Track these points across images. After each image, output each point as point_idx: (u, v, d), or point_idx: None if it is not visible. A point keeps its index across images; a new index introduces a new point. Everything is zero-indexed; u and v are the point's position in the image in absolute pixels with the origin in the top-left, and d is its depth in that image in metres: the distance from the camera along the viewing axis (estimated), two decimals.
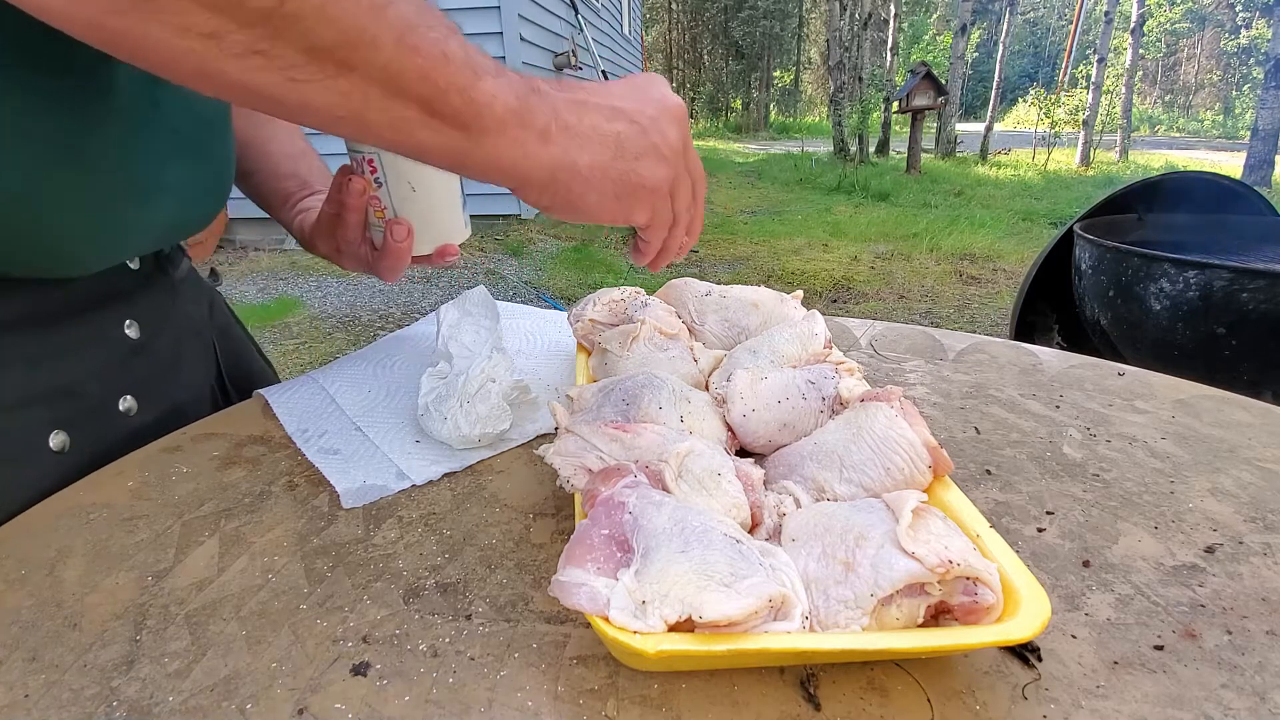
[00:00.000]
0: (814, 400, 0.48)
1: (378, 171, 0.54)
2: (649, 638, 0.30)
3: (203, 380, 0.67)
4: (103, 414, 0.55)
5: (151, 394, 0.59)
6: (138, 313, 0.58)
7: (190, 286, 0.67)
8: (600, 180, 0.38)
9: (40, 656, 0.35)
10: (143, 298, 0.59)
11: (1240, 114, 25.79)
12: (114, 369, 0.56)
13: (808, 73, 29.39)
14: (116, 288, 0.57)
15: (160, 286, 0.62)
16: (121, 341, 0.57)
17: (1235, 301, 1.67)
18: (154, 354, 0.60)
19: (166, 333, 0.61)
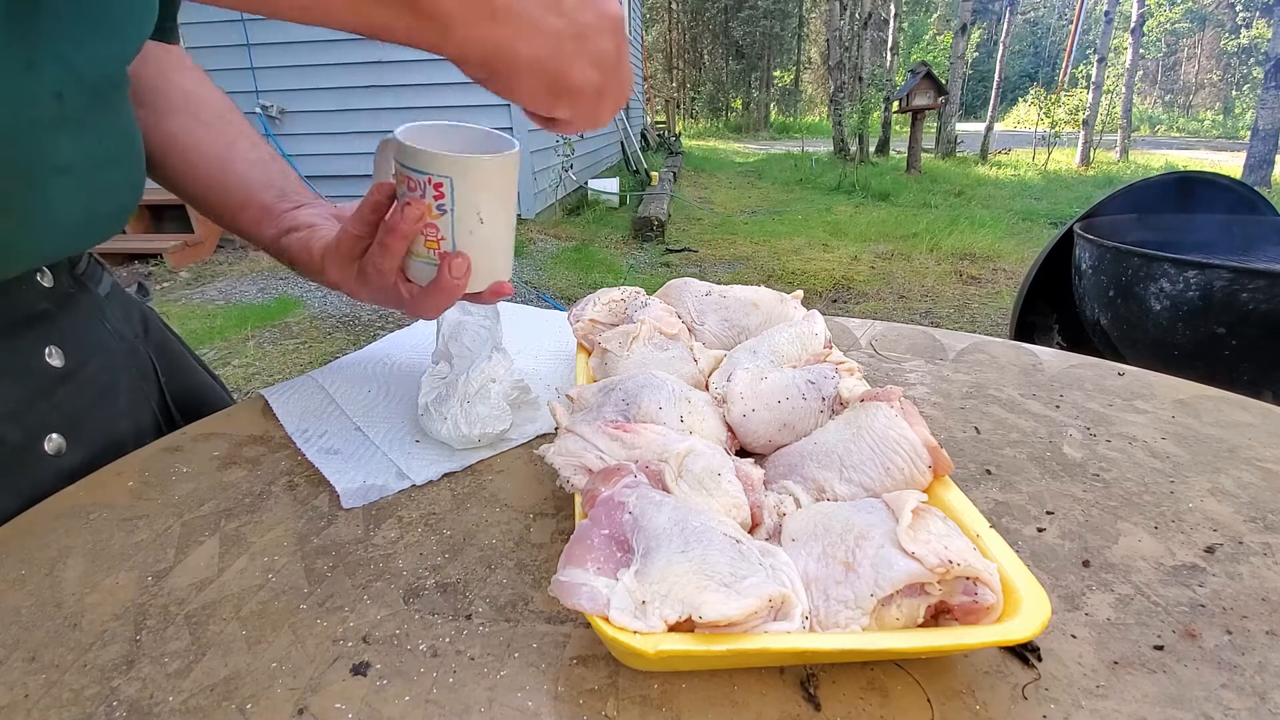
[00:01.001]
0: (814, 400, 0.48)
1: (444, 198, 0.46)
2: (649, 638, 0.30)
3: (142, 404, 0.60)
4: (25, 457, 0.49)
5: (83, 429, 0.53)
6: (60, 337, 0.52)
7: (117, 303, 0.61)
8: (535, 73, 0.40)
9: (40, 656, 0.35)
10: (64, 320, 0.53)
11: (1240, 114, 25.78)
12: (37, 404, 0.50)
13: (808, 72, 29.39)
14: (29, 310, 0.51)
15: (82, 305, 0.56)
16: (44, 371, 0.51)
17: (1235, 301, 1.67)
18: (83, 383, 0.54)
19: (96, 357, 0.55)
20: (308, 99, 4.90)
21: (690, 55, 27.30)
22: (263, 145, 0.63)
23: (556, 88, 0.41)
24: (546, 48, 0.39)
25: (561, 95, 0.41)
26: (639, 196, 6.28)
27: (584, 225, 5.42)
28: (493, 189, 0.48)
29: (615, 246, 4.92)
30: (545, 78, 0.40)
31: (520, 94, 0.41)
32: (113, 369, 0.57)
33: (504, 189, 0.49)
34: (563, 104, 0.42)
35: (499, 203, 0.49)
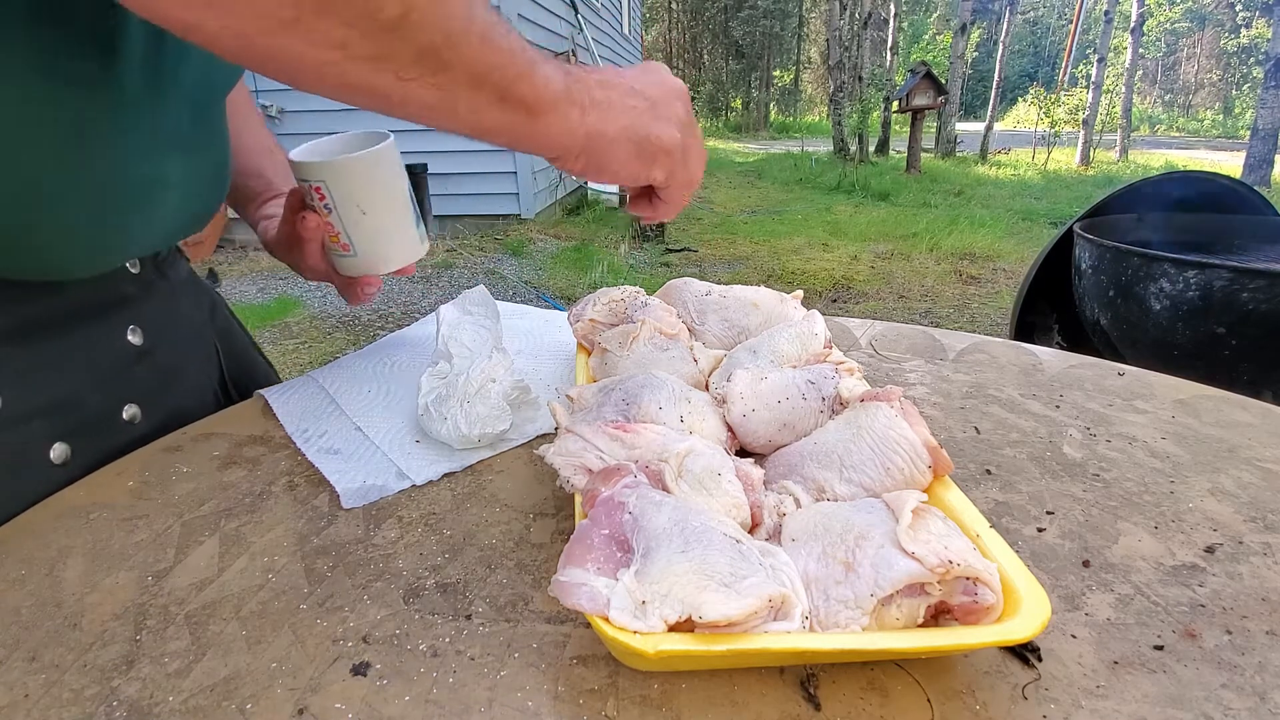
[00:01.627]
0: (814, 400, 0.48)
1: (326, 198, 0.55)
2: (649, 638, 0.30)
3: (206, 384, 0.66)
4: (105, 424, 0.55)
5: (155, 401, 0.59)
6: (140, 319, 0.58)
7: (191, 289, 0.67)
8: (625, 144, 0.44)
9: (40, 656, 0.35)
10: (145, 303, 0.59)
11: (1240, 113, 25.78)
12: (117, 378, 0.56)
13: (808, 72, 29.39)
14: (117, 294, 0.57)
15: (161, 291, 0.62)
16: (125, 349, 0.57)
17: (1235, 301, 1.67)
18: (157, 360, 0.59)
19: (169, 338, 0.61)
20: (308, 99, 4.88)
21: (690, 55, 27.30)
22: (265, 135, 0.71)
23: (645, 152, 0.46)
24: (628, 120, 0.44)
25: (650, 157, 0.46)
26: None
27: (584, 225, 5.42)
28: (364, 183, 0.55)
29: (615, 246, 4.92)
30: (633, 144, 0.45)
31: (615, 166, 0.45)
32: (182, 350, 0.63)
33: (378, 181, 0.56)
34: (655, 166, 0.47)
35: (377, 193, 0.56)
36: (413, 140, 4.83)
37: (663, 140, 0.46)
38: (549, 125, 0.41)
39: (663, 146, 0.46)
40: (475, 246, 4.65)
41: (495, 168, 4.91)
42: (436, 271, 4.20)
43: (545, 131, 0.41)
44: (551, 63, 0.41)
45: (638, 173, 0.47)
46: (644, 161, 0.46)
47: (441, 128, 0.39)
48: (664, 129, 0.46)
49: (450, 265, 4.30)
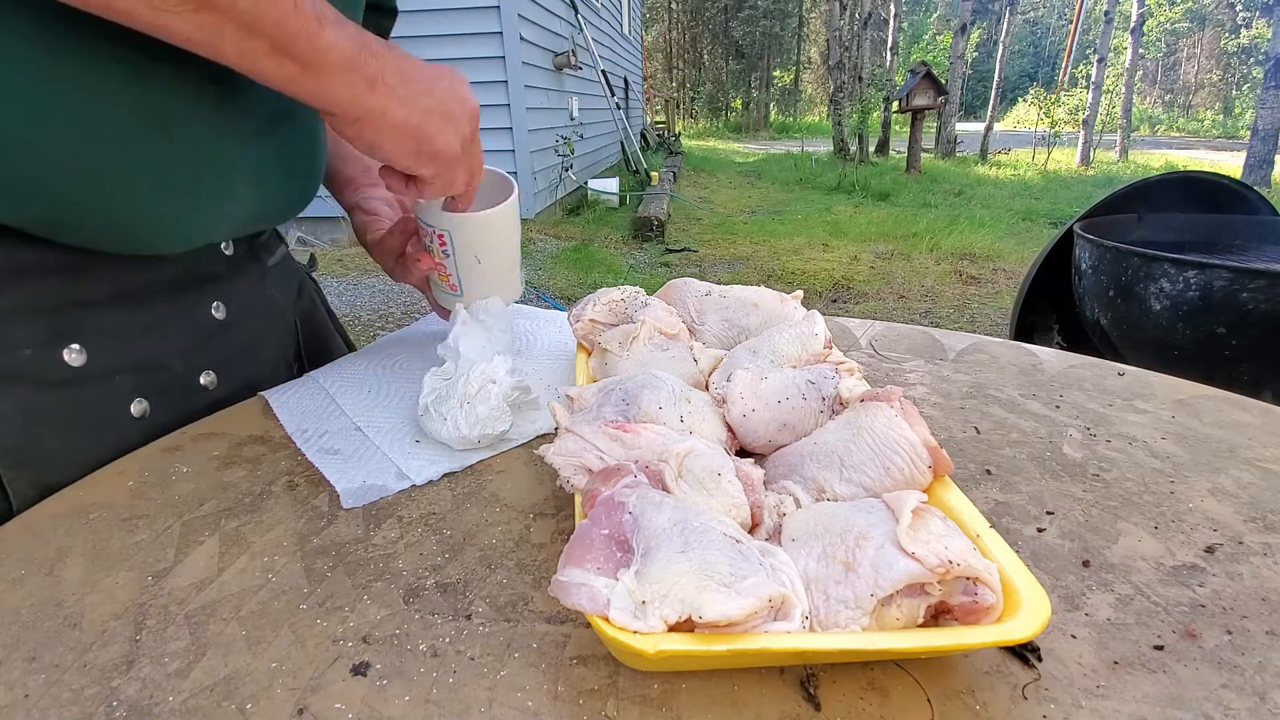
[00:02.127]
0: (814, 400, 0.48)
1: (446, 245, 0.60)
2: (649, 638, 0.30)
3: (280, 357, 0.71)
4: (184, 387, 0.59)
5: (231, 370, 0.63)
6: (226, 295, 0.62)
7: (282, 272, 0.72)
8: (405, 136, 0.48)
9: (40, 656, 0.35)
10: (233, 282, 0.63)
11: (1240, 114, 25.78)
12: (198, 346, 0.60)
13: (808, 72, 29.38)
14: (207, 271, 0.61)
15: (251, 272, 0.66)
16: (208, 322, 0.61)
17: (1235, 301, 1.67)
18: (237, 334, 0.63)
19: (252, 315, 0.66)
20: None
21: (690, 55, 27.29)
22: None
23: (422, 150, 0.50)
24: (416, 116, 0.48)
25: (426, 157, 0.50)
26: (639, 196, 6.28)
27: (584, 225, 5.41)
28: (486, 238, 0.61)
29: (615, 246, 4.92)
30: (414, 140, 0.49)
31: (389, 149, 0.49)
32: (263, 326, 0.68)
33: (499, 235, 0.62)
34: (427, 165, 0.51)
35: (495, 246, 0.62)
36: None
37: (442, 150, 0.50)
38: (327, 86, 0.43)
39: (441, 154, 0.50)
40: None
41: (495, 167, 4.91)
42: None
43: (323, 90, 0.43)
44: (348, 29, 0.43)
45: (407, 164, 0.51)
46: (417, 158, 0.50)
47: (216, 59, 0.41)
48: (448, 140, 0.50)
49: None
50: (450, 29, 4.62)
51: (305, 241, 4.86)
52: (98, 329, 0.52)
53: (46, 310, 0.49)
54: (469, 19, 4.61)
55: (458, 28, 4.63)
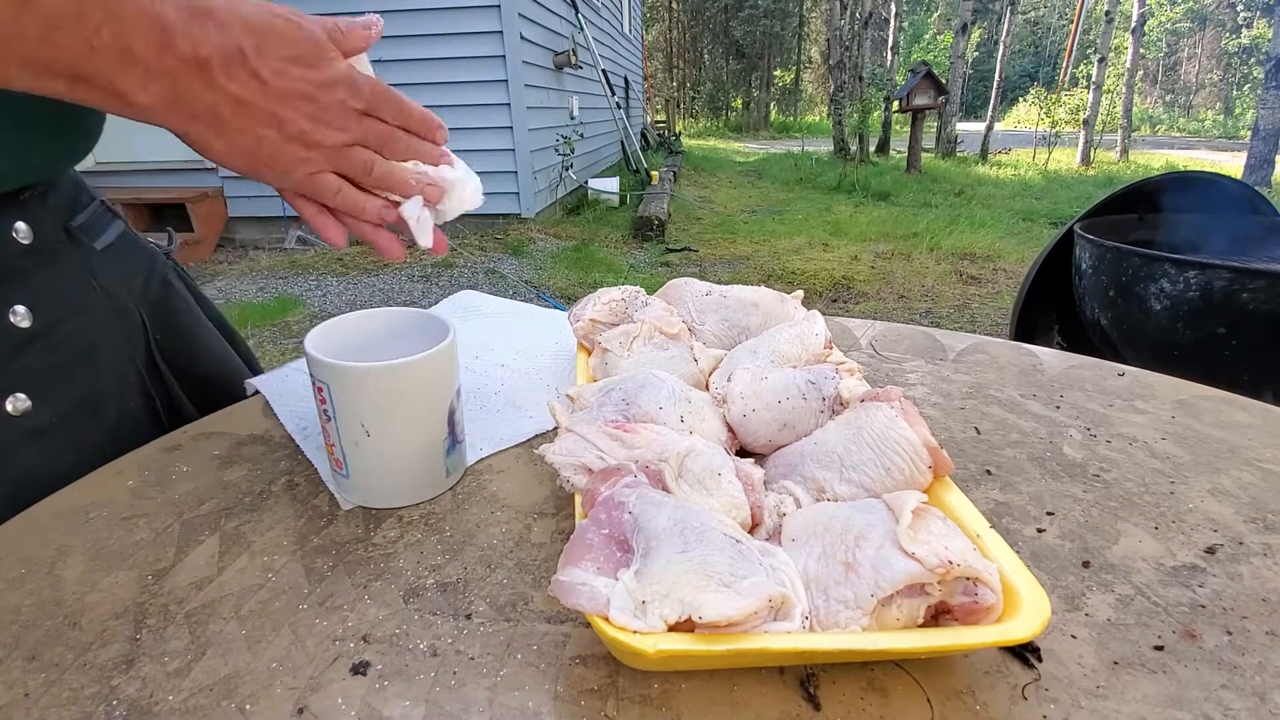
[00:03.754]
0: (814, 400, 0.48)
1: (326, 403, 0.45)
2: (649, 637, 0.30)
3: (126, 363, 0.59)
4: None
5: (54, 388, 0.52)
6: (31, 295, 0.51)
7: (117, 259, 0.59)
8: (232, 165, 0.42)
9: (40, 655, 0.35)
10: (39, 277, 0.52)
11: (1241, 114, 25.78)
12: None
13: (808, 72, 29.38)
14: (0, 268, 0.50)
15: (68, 263, 0.54)
16: (3, 333, 0.49)
17: (1235, 301, 1.67)
18: (57, 342, 0.52)
19: (75, 316, 0.54)
20: None
21: (690, 54, 27.29)
22: None
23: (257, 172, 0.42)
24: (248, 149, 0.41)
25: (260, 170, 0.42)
26: (639, 196, 6.28)
27: (584, 225, 5.41)
28: (379, 402, 0.44)
29: (615, 246, 4.91)
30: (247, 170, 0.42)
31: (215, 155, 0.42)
32: (94, 327, 0.56)
33: (399, 400, 0.45)
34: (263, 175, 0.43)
35: (393, 416, 0.45)
36: None
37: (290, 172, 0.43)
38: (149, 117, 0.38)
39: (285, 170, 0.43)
40: (475, 246, 4.65)
41: (496, 167, 4.91)
42: (436, 271, 4.20)
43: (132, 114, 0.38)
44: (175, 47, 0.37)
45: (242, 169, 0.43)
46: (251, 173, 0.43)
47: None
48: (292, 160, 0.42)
49: (450, 265, 4.30)
50: (450, 28, 4.62)
51: (305, 240, 4.86)
52: None
53: None
54: (469, 18, 4.61)
55: (458, 27, 4.63)
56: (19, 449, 0.50)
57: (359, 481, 0.47)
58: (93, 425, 0.55)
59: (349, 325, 0.50)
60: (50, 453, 0.52)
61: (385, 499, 0.48)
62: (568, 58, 5.65)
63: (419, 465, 0.47)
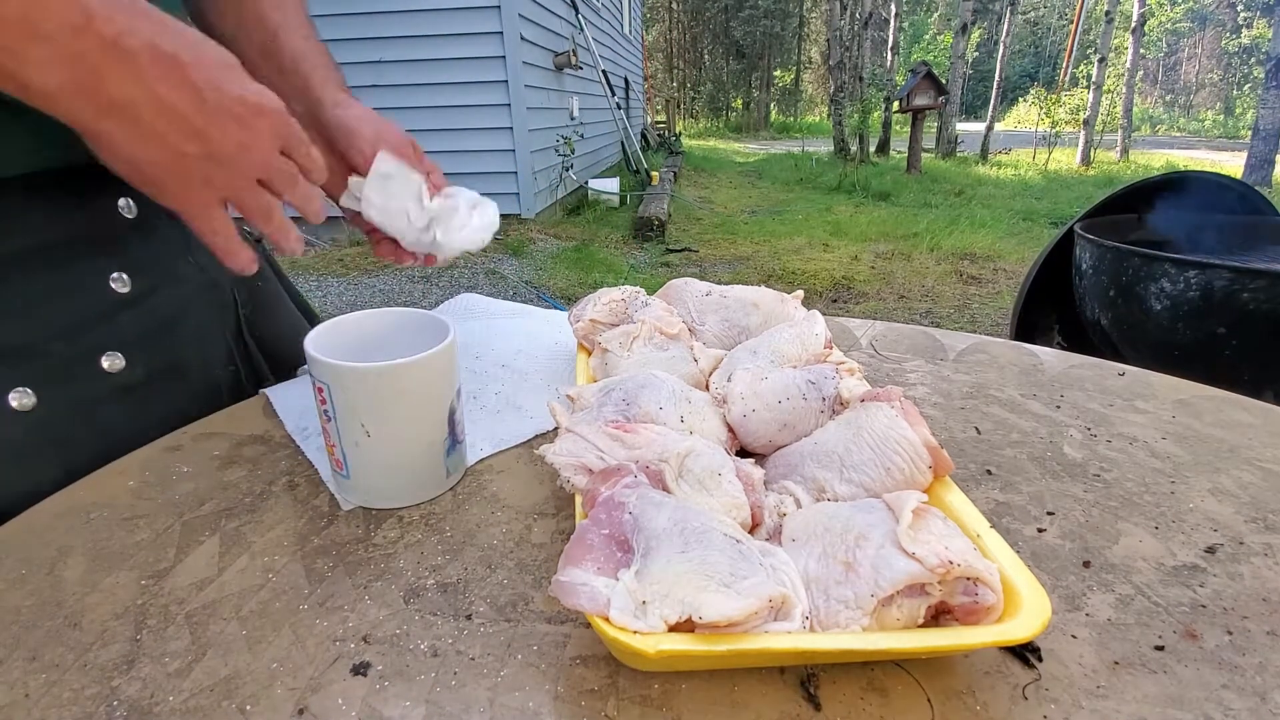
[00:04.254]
0: (814, 400, 0.48)
1: (327, 404, 0.45)
2: (649, 638, 0.30)
3: (215, 336, 0.63)
4: (78, 372, 0.52)
5: (144, 350, 0.56)
6: (130, 264, 0.55)
7: None
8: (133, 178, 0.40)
9: (40, 656, 0.35)
10: (140, 247, 0.56)
11: (1241, 114, 25.76)
12: (92, 324, 0.53)
13: (808, 72, 29.38)
14: (102, 237, 0.54)
15: (163, 236, 0.58)
16: (104, 295, 0.53)
17: (1236, 301, 1.67)
18: (148, 308, 0.56)
19: (167, 285, 0.58)
20: None
21: (690, 55, 27.30)
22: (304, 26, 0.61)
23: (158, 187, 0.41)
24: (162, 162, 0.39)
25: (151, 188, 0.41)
26: (639, 196, 6.28)
27: (584, 225, 5.41)
28: (381, 402, 0.44)
29: (615, 246, 4.91)
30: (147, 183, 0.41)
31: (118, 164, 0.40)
32: (183, 298, 0.60)
33: (399, 400, 0.45)
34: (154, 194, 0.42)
35: (392, 416, 0.45)
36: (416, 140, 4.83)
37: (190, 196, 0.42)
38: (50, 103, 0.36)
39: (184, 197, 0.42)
40: None
41: (496, 167, 4.92)
42: (437, 271, 4.20)
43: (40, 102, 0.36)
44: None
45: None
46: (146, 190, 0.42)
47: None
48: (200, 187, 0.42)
49: (450, 265, 4.30)
50: (450, 29, 4.63)
51: (306, 241, 4.85)
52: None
53: None
54: (469, 19, 4.61)
55: (458, 28, 4.63)
56: (109, 404, 0.54)
57: (359, 482, 0.47)
58: (178, 388, 0.59)
59: (349, 326, 0.51)
60: (136, 410, 0.56)
61: (385, 499, 0.48)
62: (568, 58, 5.66)
63: (419, 465, 0.48)
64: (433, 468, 0.48)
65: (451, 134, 4.83)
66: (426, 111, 4.79)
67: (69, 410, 0.51)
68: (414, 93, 4.80)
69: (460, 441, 0.50)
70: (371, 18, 4.60)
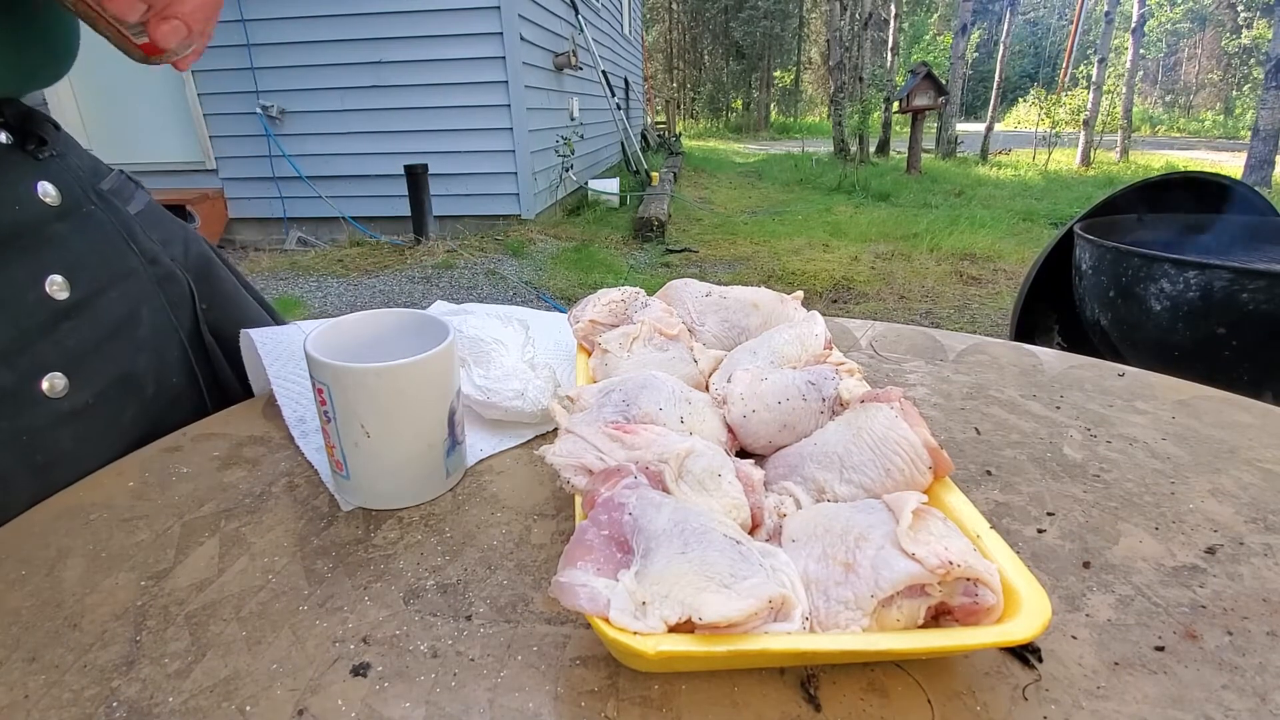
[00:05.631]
0: (814, 401, 0.48)
1: (327, 404, 0.45)
2: (649, 638, 0.30)
3: (170, 335, 0.56)
4: (18, 400, 0.45)
5: (90, 365, 0.49)
6: (67, 264, 0.47)
7: (153, 223, 0.56)
8: None
9: (40, 657, 0.35)
10: (77, 243, 0.48)
11: (1241, 114, 25.76)
12: (30, 343, 0.46)
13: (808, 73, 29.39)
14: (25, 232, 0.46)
15: (98, 226, 0.51)
16: (39, 303, 0.46)
17: (1235, 301, 1.67)
18: (96, 314, 0.49)
19: (116, 285, 0.51)
20: (308, 99, 4.90)
21: (690, 55, 27.31)
22: None
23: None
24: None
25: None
26: (639, 196, 6.28)
27: (584, 225, 5.42)
28: (380, 401, 0.44)
29: (615, 246, 4.91)
30: None
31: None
32: (134, 296, 0.53)
33: (399, 399, 0.45)
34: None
35: (392, 415, 0.45)
36: (415, 140, 4.84)
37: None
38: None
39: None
40: (475, 247, 4.65)
41: (496, 168, 4.92)
42: (437, 272, 4.20)
43: None
44: None
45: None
46: None
47: None
48: None
49: (450, 265, 4.30)
50: (450, 29, 4.63)
51: (306, 241, 4.86)
52: None
53: None
54: (469, 19, 4.61)
55: (458, 28, 4.63)
56: (53, 432, 0.47)
57: (359, 483, 0.47)
58: (131, 404, 0.52)
59: (349, 327, 0.51)
60: (86, 435, 0.49)
61: (385, 500, 0.48)
62: (568, 59, 5.66)
63: (419, 466, 0.48)
64: (432, 468, 0.48)
65: (451, 134, 4.83)
66: (427, 112, 4.80)
67: (15, 451, 0.45)
68: (414, 93, 4.80)
69: (460, 442, 0.50)
70: (371, 18, 4.60)
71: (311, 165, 4.95)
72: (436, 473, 0.49)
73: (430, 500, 0.49)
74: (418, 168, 4.49)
